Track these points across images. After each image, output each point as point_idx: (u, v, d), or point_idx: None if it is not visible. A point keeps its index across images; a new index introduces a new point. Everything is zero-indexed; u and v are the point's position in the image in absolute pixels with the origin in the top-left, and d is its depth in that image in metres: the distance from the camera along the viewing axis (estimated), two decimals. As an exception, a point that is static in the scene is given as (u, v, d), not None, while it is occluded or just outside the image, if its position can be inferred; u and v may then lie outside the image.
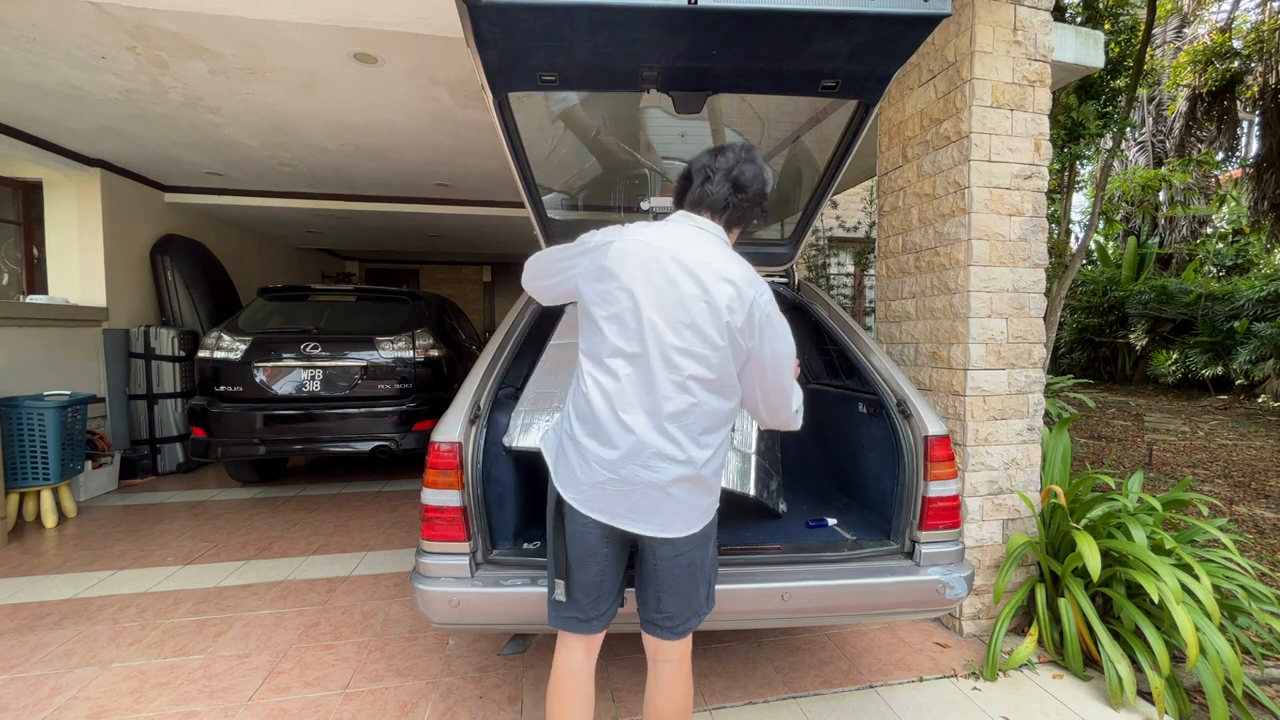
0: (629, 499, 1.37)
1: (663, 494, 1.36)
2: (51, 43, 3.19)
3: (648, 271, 1.38)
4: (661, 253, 1.39)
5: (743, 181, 1.47)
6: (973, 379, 2.54)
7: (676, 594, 1.47)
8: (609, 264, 1.40)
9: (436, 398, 4.62)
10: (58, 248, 5.30)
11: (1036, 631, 2.41)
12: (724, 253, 1.43)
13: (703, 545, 1.48)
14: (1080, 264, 5.63)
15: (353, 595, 3.01)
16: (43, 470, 4.01)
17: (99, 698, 2.18)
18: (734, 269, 1.39)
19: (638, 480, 1.35)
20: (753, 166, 1.49)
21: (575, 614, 1.49)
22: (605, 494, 1.38)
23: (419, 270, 12.25)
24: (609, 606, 1.52)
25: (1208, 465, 5.11)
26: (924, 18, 1.43)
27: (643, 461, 1.35)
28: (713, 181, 1.47)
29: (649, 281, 1.37)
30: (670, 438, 1.35)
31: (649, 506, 1.37)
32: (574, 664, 1.51)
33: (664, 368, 1.35)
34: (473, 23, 1.44)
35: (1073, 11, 4.72)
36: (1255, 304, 8.15)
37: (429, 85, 3.72)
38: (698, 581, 1.50)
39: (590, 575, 1.46)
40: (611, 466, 1.36)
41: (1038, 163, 2.58)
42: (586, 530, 1.43)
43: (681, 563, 1.45)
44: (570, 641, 1.52)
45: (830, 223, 8.59)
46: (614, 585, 1.51)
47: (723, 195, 1.47)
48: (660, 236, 1.42)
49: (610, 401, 1.36)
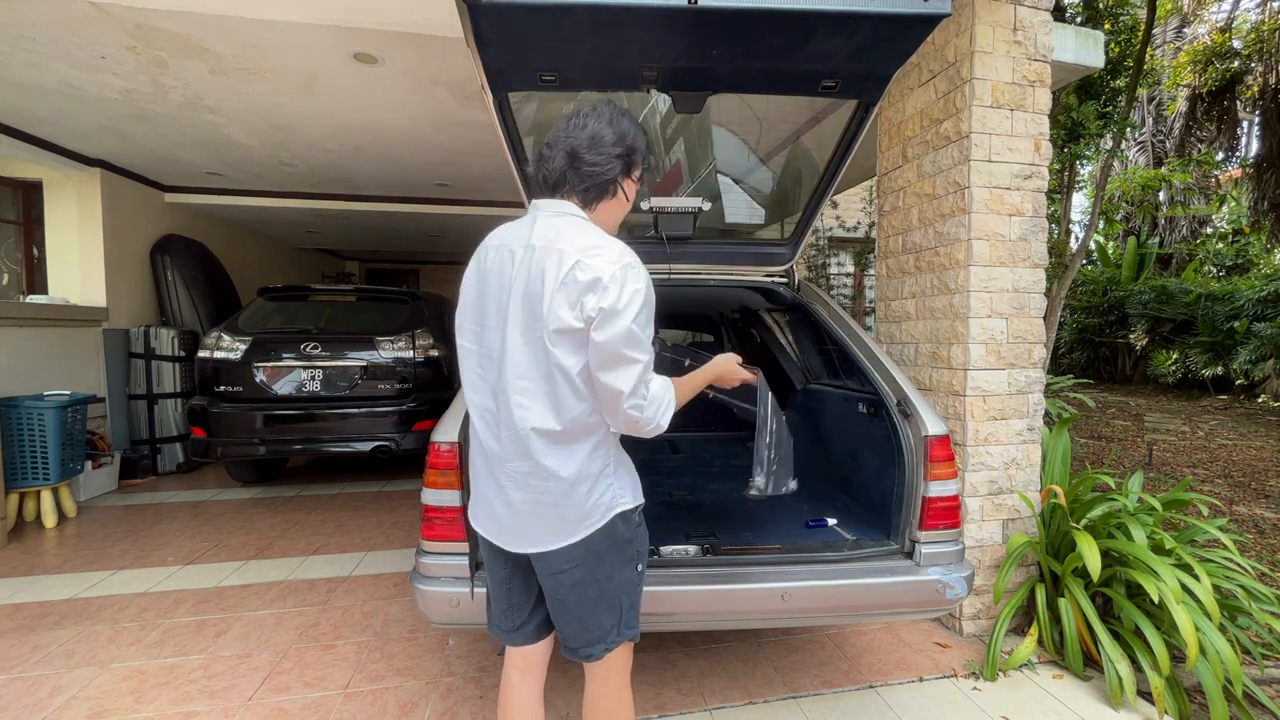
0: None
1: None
2: (51, 43, 3.19)
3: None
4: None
5: (577, 147, 1.27)
6: (973, 379, 2.54)
7: (568, 616, 1.36)
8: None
9: (436, 398, 4.62)
10: (58, 248, 5.30)
11: (1036, 631, 2.41)
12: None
13: (592, 564, 1.31)
14: (1080, 264, 5.63)
15: (353, 595, 3.01)
16: (43, 470, 4.00)
17: (99, 698, 2.18)
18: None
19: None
20: (591, 124, 1.28)
21: (497, 621, 1.48)
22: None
23: (419, 270, 12.25)
24: (524, 621, 1.44)
25: (1208, 465, 5.11)
26: (924, 18, 1.44)
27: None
28: (548, 160, 1.30)
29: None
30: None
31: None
32: (511, 683, 1.48)
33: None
34: (473, 23, 1.44)
35: (1073, 11, 4.72)
36: (1255, 304, 8.15)
37: (429, 85, 3.72)
38: (600, 605, 1.34)
39: (497, 583, 1.45)
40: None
41: (1038, 163, 2.58)
42: (484, 540, 1.43)
43: (565, 581, 1.32)
44: (508, 658, 1.49)
45: (830, 223, 8.60)
46: (523, 599, 1.44)
47: (558, 169, 1.29)
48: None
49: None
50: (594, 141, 1.26)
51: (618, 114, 1.31)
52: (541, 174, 1.32)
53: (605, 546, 1.32)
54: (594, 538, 1.30)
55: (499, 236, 1.33)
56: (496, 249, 1.30)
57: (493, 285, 1.28)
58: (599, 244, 1.20)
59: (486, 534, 1.39)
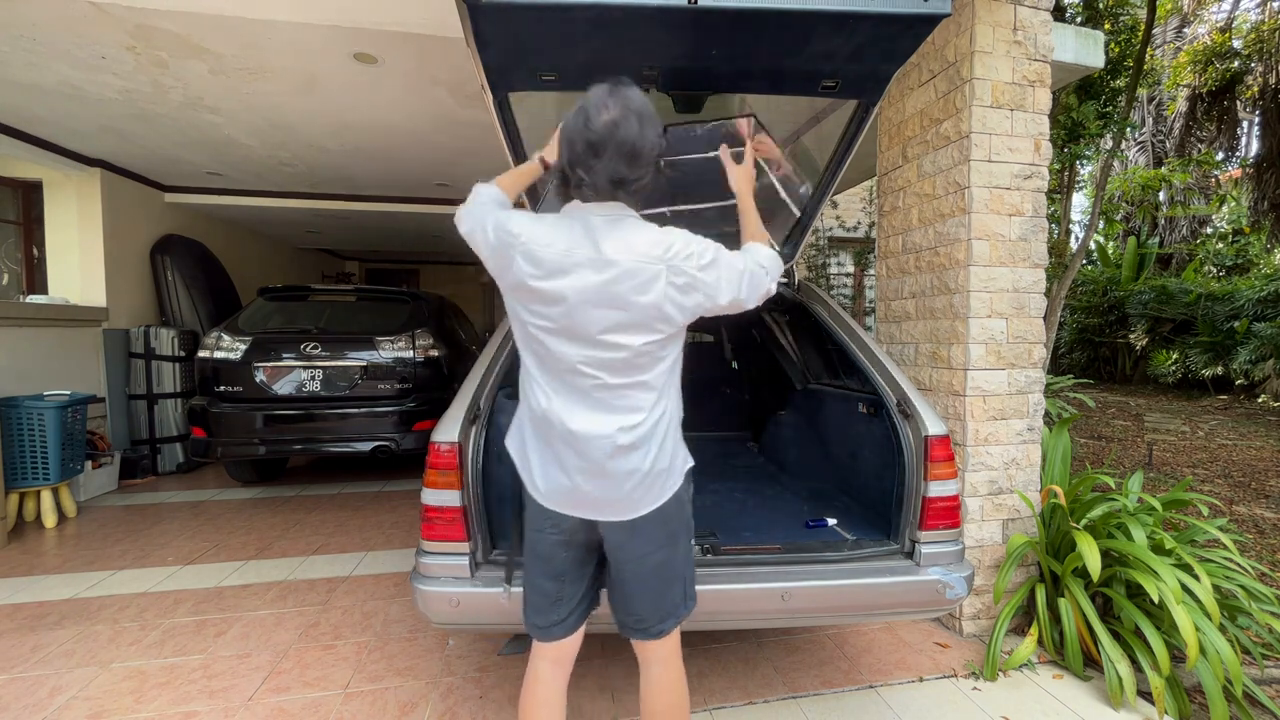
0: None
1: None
2: (51, 43, 3.19)
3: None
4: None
5: (623, 176, 1.26)
6: (973, 379, 2.54)
7: (643, 595, 1.44)
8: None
9: (436, 398, 4.62)
10: (58, 248, 5.30)
11: (1036, 631, 2.41)
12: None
13: (669, 544, 1.43)
14: (1080, 264, 5.63)
15: (353, 595, 3.01)
16: (43, 470, 4.00)
17: (99, 698, 2.18)
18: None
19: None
20: (630, 115, 1.24)
21: (534, 620, 1.49)
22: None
23: (419, 270, 12.26)
24: (570, 613, 1.48)
25: (1208, 465, 5.11)
26: (924, 18, 1.43)
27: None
28: (587, 168, 1.26)
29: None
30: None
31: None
32: (541, 674, 1.49)
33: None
34: (473, 23, 1.44)
35: (1073, 11, 4.72)
36: (1255, 304, 8.16)
37: (429, 85, 3.72)
38: (668, 581, 1.46)
39: (548, 582, 1.46)
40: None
41: (1038, 163, 2.58)
42: (543, 537, 1.43)
43: (649, 564, 1.41)
44: (538, 650, 1.51)
45: (830, 223, 8.60)
46: (578, 590, 1.48)
47: (606, 189, 1.28)
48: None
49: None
50: (633, 158, 1.26)
51: (641, 118, 1.26)
52: (583, 191, 1.30)
53: (676, 510, 1.42)
54: (671, 500, 1.40)
55: (555, 242, 1.28)
56: (562, 253, 1.26)
57: (568, 281, 1.26)
58: (665, 239, 1.29)
59: (574, 510, 1.37)
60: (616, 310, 1.25)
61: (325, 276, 10.86)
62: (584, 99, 1.28)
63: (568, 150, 1.28)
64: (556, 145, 1.34)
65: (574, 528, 1.41)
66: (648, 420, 1.33)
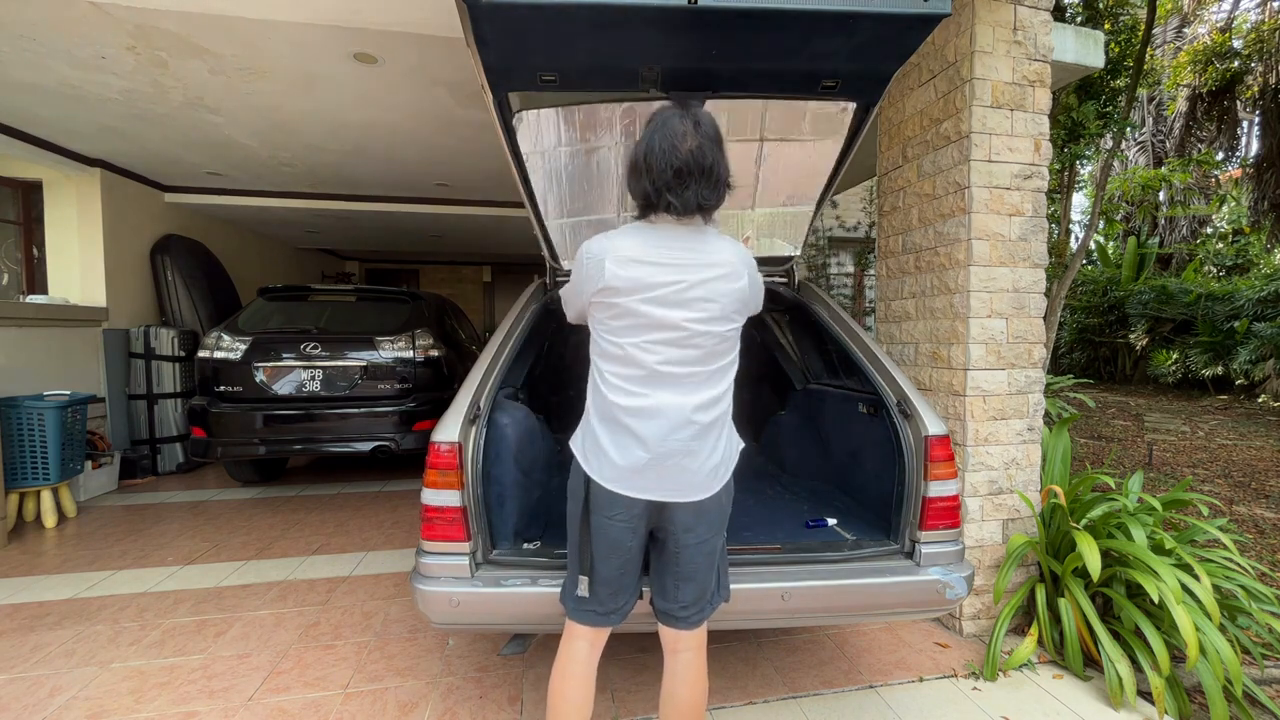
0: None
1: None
2: (51, 43, 3.19)
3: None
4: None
5: (709, 204, 1.44)
6: (973, 379, 2.54)
7: (694, 581, 1.51)
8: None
9: (436, 398, 4.62)
10: (58, 248, 5.30)
11: (1036, 631, 2.41)
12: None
13: (721, 529, 1.54)
14: (1080, 264, 5.63)
15: (353, 595, 3.01)
16: (43, 470, 4.00)
17: (99, 698, 2.18)
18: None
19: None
20: (707, 142, 1.40)
21: (595, 607, 1.53)
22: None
23: (419, 270, 12.25)
24: (627, 600, 1.56)
25: (1208, 465, 5.11)
26: (924, 18, 1.43)
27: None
28: (676, 193, 1.40)
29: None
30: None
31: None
32: (578, 654, 1.55)
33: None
34: (473, 23, 1.44)
35: (1073, 11, 4.72)
36: (1255, 304, 8.15)
37: (429, 85, 3.72)
38: (714, 566, 1.55)
39: (613, 569, 1.50)
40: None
41: (1038, 163, 2.58)
42: (613, 524, 1.47)
43: (704, 550, 1.50)
44: (578, 633, 1.56)
45: (830, 223, 8.60)
46: (634, 580, 1.55)
47: (692, 208, 1.43)
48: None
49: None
50: (715, 184, 1.42)
51: (716, 144, 1.41)
52: (671, 212, 1.42)
53: (728, 496, 1.52)
54: (729, 485, 1.51)
55: (652, 250, 1.42)
56: (652, 267, 1.41)
57: (662, 282, 1.41)
58: (742, 248, 1.53)
59: (649, 493, 1.43)
60: (710, 303, 1.42)
61: (325, 276, 10.86)
62: (660, 124, 1.40)
63: (655, 177, 1.39)
64: (631, 168, 1.46)
65: (641, 514, 1.46)
66: (723, 402, 1.48)
